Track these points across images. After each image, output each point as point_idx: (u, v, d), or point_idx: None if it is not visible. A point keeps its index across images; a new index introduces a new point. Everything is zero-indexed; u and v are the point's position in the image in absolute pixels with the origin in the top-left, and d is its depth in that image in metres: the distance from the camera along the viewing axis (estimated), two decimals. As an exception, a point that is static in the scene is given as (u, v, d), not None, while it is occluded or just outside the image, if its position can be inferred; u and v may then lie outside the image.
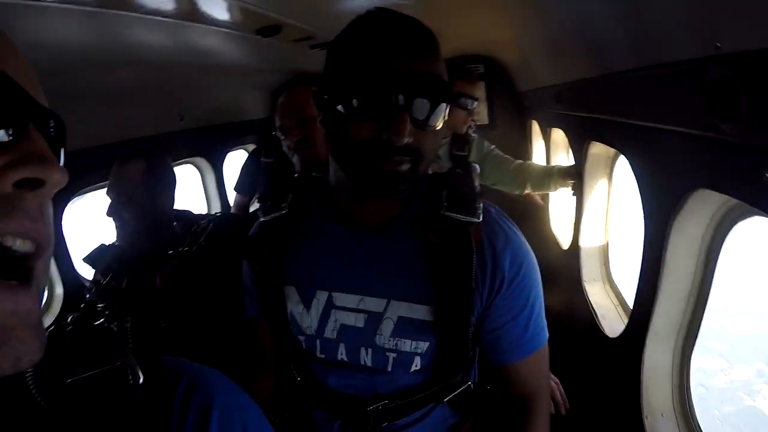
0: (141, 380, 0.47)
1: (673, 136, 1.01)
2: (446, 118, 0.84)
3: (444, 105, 0.82)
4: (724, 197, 0.93)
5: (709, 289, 1.15)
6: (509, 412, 0.98)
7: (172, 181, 1.68)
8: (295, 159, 1.80)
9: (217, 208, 3.31)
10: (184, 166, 3.03)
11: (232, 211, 2.69)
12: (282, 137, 1.80)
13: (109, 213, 1.59)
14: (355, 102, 0.79)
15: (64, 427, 0.43)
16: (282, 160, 2.38)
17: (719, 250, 1.10)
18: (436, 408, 0.99)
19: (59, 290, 1.94)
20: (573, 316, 2.12)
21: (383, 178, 0.82)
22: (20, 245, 0.38)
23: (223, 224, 1.71)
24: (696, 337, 1.20)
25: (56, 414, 0.44)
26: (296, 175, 1.12)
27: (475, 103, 2.47)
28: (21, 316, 0.38)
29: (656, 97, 1.05)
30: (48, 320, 1.86)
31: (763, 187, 0.72)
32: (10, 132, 0.38)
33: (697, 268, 1.15)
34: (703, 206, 1.05)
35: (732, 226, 1.04)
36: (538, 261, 0.96)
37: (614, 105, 1.42)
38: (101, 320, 0.51)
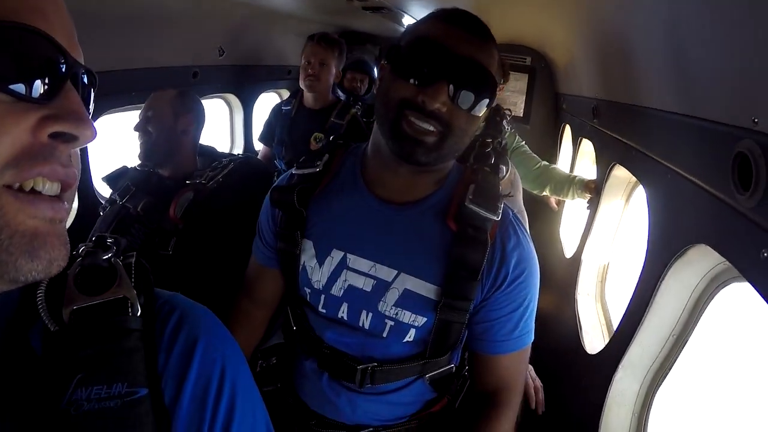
0: (139, 312, 0.51)
1: (691, 186, 1.05)
2: (485, 110, 0.91)
3: (485, 97, 0.89)
4: (723, 258, 0.97)
5: (690, 335, 1.21)
6: (481, 399, 1.06)
7: (197, 113, 1.74)
8: (304, 86, 2.46)
9: (240, 146, 3.38)
10: (214, 100, 3.07)
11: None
12: (303, 68, 2.43)
13: (137, 127, 1.67)
14: (407, 68, 0.88)
15: (68, 348, 0.48)
16: (299, 108, 2.55)
17: (707, 302, 1.16)
18: (417, 381, 1.07)
19: (74, 205, 1.89)
20: (559, 323, 2.20)
21: (408, 141, 0.88)
22: (48, 188, 0.42)
23: (243, 166, 1.75)
24: (666, 374, 1.27)
25: (62, 336, 0.48)
26: (333, 139, 1.16)
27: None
28: (56, 224, 0.43)
29: (686, 145, 1.08)
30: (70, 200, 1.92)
31: (758, 263, 0.77)
32: (48, 88, 0.42)
33: (683, 313, 1.21)
34: (702, 259, 1.10)
35: (724, 285, 1.09)
36: (538, 262, 1.02)
37: (645, 137, 1.44)
38: (109, 255, 0.55)
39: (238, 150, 3.33)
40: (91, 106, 0.49)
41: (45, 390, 0.46)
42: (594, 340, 1.79)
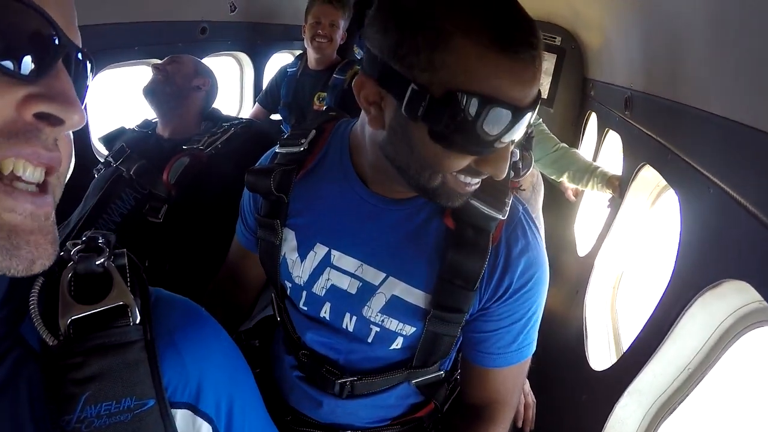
0: (138, 319, 0.49)
1: (737, 209, 0.89)
2: None
3: None
4: (760, 297, 0.83)
5: (707, 372, 1.08)
6: (470, 411, 0.96)
7: (213, 81, 1.76)
8: (312, 48, 2.32)
9: (248, 109, 3.25)
10: (223, 59, 2.94)
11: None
12: (310, 28, 2.29)
13: (158, 65, 1.69)
14: (462, 143, 0.67)
15: (71, 367, 0.46)
16: (304, 69, 2.49)
17: (732, 341, 1.02)
18: (401, 384, 0.98)
19: (71, 163, 1.92)
20: (563, 327, 2.08)
21: (451, 196, 0.75)
22: (30, 174, 0.39)
23: (244, 132, 1.67)
24: (674, 409, 1.15)
25: (63, 353, 0.46)
26: (326, 110, 1.03)
27: None
28: (39, 220, 0.40)
29: (741, 161, 0.92)
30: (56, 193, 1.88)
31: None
32: (38, 66, 0.39)
33: (704, 347, 1.07)
34: (736, 294, 0.96)
35: (757, 327, 0.96)
36: (548, 258, 0.89)
37: (688, 140, 1.27)
38: (102, 259, 0.51)
39: (247, 112, 3.23)
40: (86, 90, 0.47)
41: (53, 409, 0.45)
42: (600, 354, 1.66)
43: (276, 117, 2.76)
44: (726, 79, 1.00)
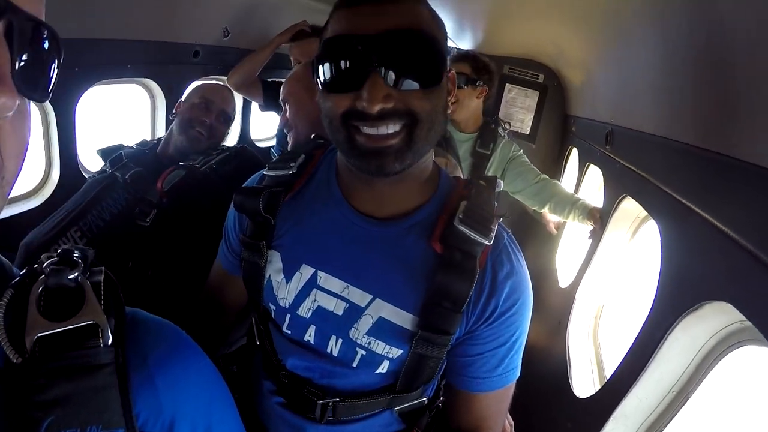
0: (110, 340, 0.46)
1: (717, 234, 0.93)
2: (445, 77, 0.78)
3: (431, 62, 0.76)
4: (742, 317, 0.86)
5: (692, 393, 1.10)
6: None
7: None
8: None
9: (235, 134, 3.27)
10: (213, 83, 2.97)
11: None
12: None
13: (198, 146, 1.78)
14: (326, 76, 0.77)
15: (35, 388, 0.43)
16: None
17: (716, 362, 1.05)
18: (384, 412, 0.96)
19: (55, 175, 1.92)
20: (547, 357, 2.08)
21: (371, 154, 0.77)
22: None
23: (237, 156, 1.75)
24: (662, 430, 1.16)
25: (27, 372, 0.43)
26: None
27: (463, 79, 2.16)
28: None
29: (717, 186, 0.97)
30: (38, 201, 1.86)
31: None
32: None
33: (688, 369, 1.10)
34: (716, 315, 0.99)
35: (738, 347, 0.99)
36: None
37: (665, 172, 1.33)
38: (76, 273, 0.48)
39: (234, 137, 3.26)
40: (50, 77, 0.41)
41: None
42: (583, 382, 1.67)
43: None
44: (702, 111, 1.06)
